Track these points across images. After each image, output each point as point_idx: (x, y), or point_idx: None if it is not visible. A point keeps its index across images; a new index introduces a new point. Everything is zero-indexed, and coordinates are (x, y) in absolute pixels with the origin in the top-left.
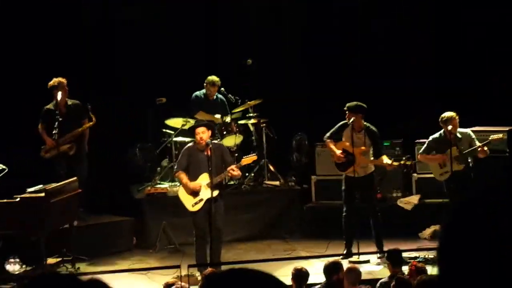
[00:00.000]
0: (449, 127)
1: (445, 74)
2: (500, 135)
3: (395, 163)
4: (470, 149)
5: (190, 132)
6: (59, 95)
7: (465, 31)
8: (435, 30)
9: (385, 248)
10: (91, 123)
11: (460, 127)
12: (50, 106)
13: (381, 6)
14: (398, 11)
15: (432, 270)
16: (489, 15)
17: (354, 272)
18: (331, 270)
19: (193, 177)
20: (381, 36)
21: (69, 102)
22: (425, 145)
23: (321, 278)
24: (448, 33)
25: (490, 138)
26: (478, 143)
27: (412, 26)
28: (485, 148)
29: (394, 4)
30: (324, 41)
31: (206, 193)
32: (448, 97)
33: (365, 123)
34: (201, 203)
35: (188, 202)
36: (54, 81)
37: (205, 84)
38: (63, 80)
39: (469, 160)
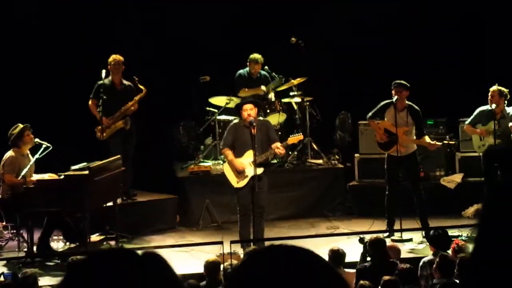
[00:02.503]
0: (493, 106)
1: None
2: None
3: (438, 143)
4: (502, 128)
5: (236, 109)
6: (113, 72)
7: None
8: None
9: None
10: (141, 94)
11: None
12: (104, 81)
13: None
14: None
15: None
16: None
17: (393, 250)
18: (378, 245)
19: (239, 154)
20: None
21: (125, 82)
22: (472, 115)
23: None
24: None
25: None
26: None
27: None
28: None
29: None
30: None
31: (251, 170)
32: (496, 74)
33: (407, 102)
34: (246, 180)
35: (233, 179)
36: (111, 58)
37: (248, 62)
38: (119, 57)
39: None
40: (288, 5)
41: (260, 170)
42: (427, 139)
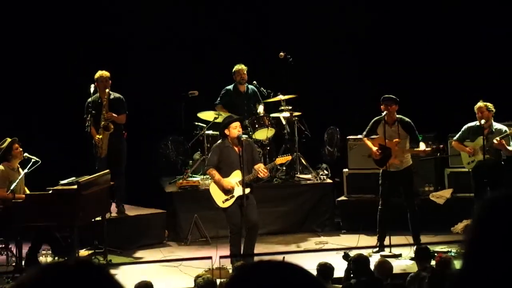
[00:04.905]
0: (482, 121)
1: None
2: None
3: (428, 149)
4: (491, 143)
5: (221, 130)
6: (100, 88)
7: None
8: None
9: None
10: (122, 116)
11: (501, 121)
12: (91, 99)
13: None
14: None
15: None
16: None
17: (385, 266)
18: (362, 263)
19: (225, 174)
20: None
21: (112, 95)
22: (460, 131)
23: None
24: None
25: (509, 131)
26: (510, 140)
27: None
28: (503, 141)
29: None
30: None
31: (238, 190)
32: (486, 89)
33: (398, 115)
34: (232, 200)
35: (219, 199)
36: (98, 74)
37: (233, 74)
38: (106, 73)
39: (502, 155)
40: (276, 20)
41: (247, 190)
42: (422, 146)
